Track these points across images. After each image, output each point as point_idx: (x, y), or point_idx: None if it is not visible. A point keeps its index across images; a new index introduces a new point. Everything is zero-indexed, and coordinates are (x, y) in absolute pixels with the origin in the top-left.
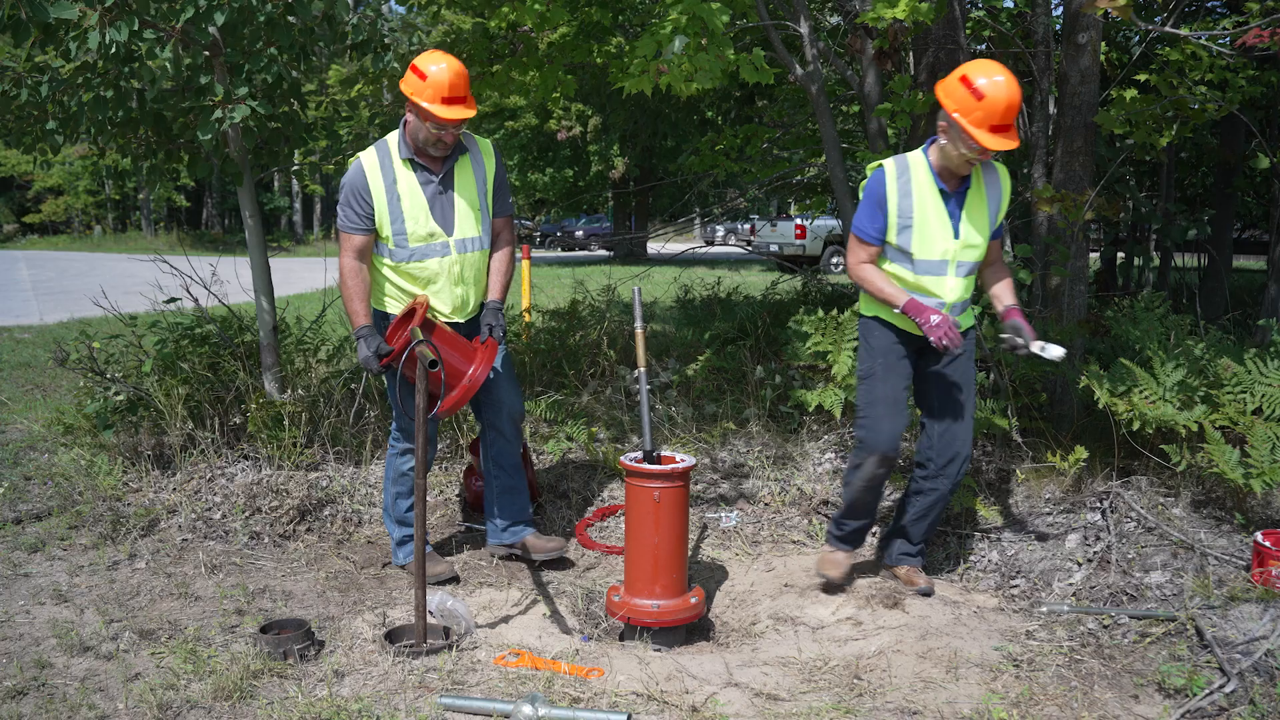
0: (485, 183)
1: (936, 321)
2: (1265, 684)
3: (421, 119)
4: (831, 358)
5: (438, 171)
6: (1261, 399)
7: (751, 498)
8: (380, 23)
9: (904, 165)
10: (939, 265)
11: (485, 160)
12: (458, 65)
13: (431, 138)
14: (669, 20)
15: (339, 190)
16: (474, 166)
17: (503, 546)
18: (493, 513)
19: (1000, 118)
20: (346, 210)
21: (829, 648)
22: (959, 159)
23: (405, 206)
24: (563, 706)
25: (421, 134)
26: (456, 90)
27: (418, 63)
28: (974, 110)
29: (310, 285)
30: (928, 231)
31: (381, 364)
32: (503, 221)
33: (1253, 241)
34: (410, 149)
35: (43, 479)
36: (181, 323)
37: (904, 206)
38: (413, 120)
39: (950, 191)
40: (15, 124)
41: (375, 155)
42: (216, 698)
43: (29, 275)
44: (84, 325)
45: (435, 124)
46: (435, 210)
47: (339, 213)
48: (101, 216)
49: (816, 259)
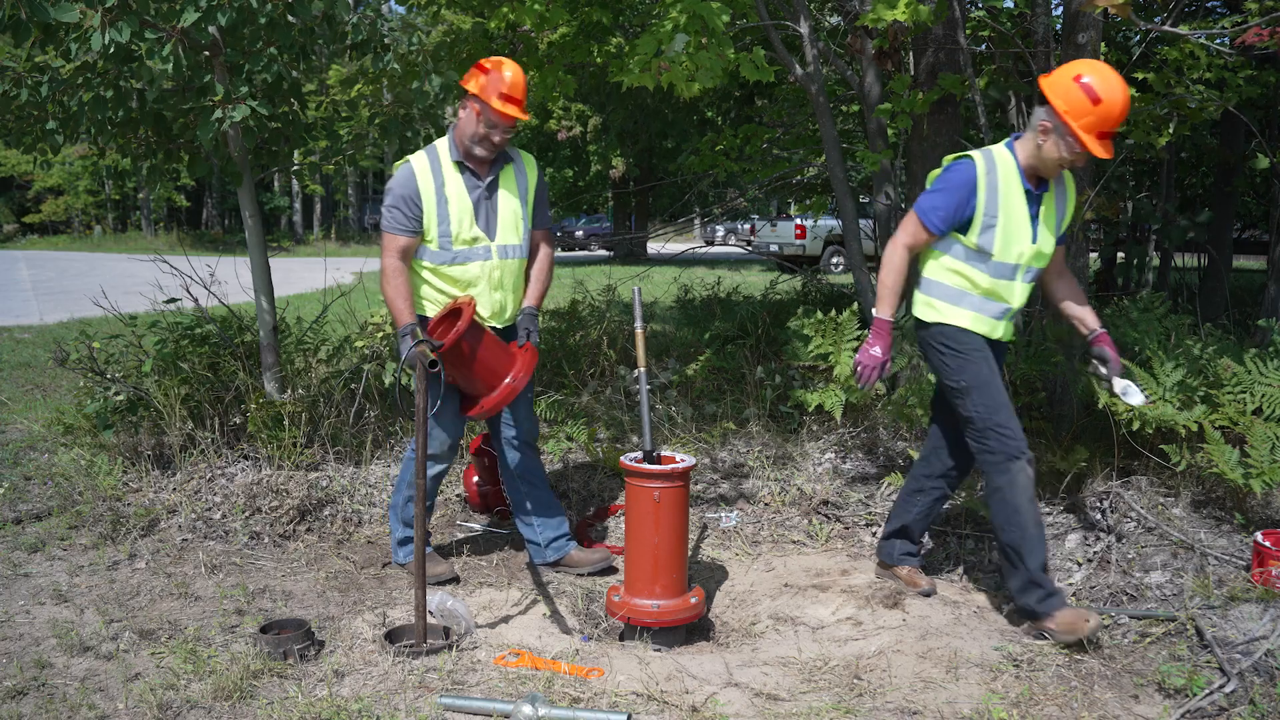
0: (527, 192)
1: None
2: (1265, 684)
3: (477, 115)
4: (833, 358)
5: (484, 177)
6: (1261, 399)
7: (751, 498)
8: (380, 23)
9: (991, 161)
10: (1012, 269)
11: (528, 171)
12: (520, 71)
13: (479, 135)
14: (669, 19)
15: (385, 192)
16: (517, 176)
17: (546, 565)
18: (531, 532)
19: (1112, 125)
20: (394, 212)
21: (829, 648)
22: (1054, 162)
23: (452, 210)
24: (563, 706)
25: (470, 131)
26: (516, 91)
27: (483, 61)
28: (1087, 114)
29: (310, 285)
30: (1011, 232)
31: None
32: (542, 233)
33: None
34: (460, 151)
35: (43, 479)
36: (181, 323)
37: (991, 204)
38: (464, 118)
39: (1034, 192)
40: (15, 124)
41: (425, 159)
42: (216, 698)
43: (29, 275)
44: (84, 325)
45: (489, 121)
46: (480, 215)
47: (385, 214)
48: (101, 216)
49: (816, 259)
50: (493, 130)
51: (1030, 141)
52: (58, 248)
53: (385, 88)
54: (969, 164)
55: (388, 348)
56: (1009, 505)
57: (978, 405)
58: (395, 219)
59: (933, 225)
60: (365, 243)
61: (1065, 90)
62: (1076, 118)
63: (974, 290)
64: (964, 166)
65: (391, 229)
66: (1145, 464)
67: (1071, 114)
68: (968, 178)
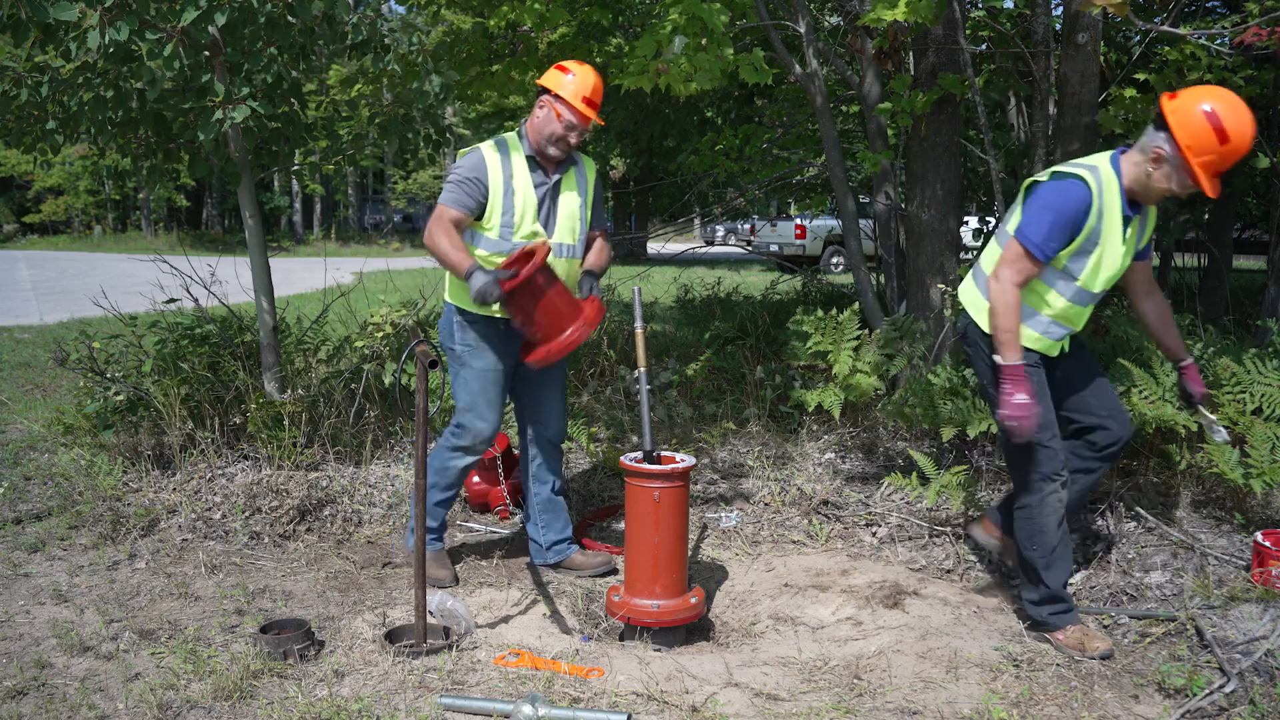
0: (586, 195)
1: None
2: (1265, 684)
3: (557, 116)
4: (832, 358)
5: (551, 175)
6: (1261, 399)
7: (751, 498)
8: (380, 23)
9: (1100, 183)
10: (1091, 296)
11: (589, 175)
12: (599, 77)
13: (556, 135)
14: (669, 20)
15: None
16: (579, 178)
17: (547, 567)
18: (536, 531)
19: (1231, 164)
20: (458, 189)
21: (829, 648)
22: (1160, 192)
23: (517, 201)
24: (563, 706)
25: (547, 130)
26: (597, 94)
27: (563, 63)
28: (1210, 152)
29: (310, 285)
30: (1105, 260)
31: (505, 289)
32: (597, 234)
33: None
34: (531, 147)
35: (43, 479)
36: (181, 323)
37: (1096, 231)
38: (540, 117)
39: (1130, 216)
40: (15, 124)
41: (495, 149)
42: (216, 698)
43: (29, 275)
44: (84, 325)
45: (567, 121)
46: (541, 211)
47: (446, 190)
48: (101, 216)
49: (816, 259)
50: (571, 131)
51: (1139, 166)
52: (58, 248)
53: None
54: (1081, 187)
55: (388, 348)
56: (1034, 524)
57: None
58: (454, 194)
59: (1045, 257)
60: (365, 243)
61: (1189, 121)
62: (1198, 154)
63: (1046, 311)
64: (1075, 189)
65: (449, 202)
66: (1145, 464)
67: (1193, 149)
68: (1081, 203)
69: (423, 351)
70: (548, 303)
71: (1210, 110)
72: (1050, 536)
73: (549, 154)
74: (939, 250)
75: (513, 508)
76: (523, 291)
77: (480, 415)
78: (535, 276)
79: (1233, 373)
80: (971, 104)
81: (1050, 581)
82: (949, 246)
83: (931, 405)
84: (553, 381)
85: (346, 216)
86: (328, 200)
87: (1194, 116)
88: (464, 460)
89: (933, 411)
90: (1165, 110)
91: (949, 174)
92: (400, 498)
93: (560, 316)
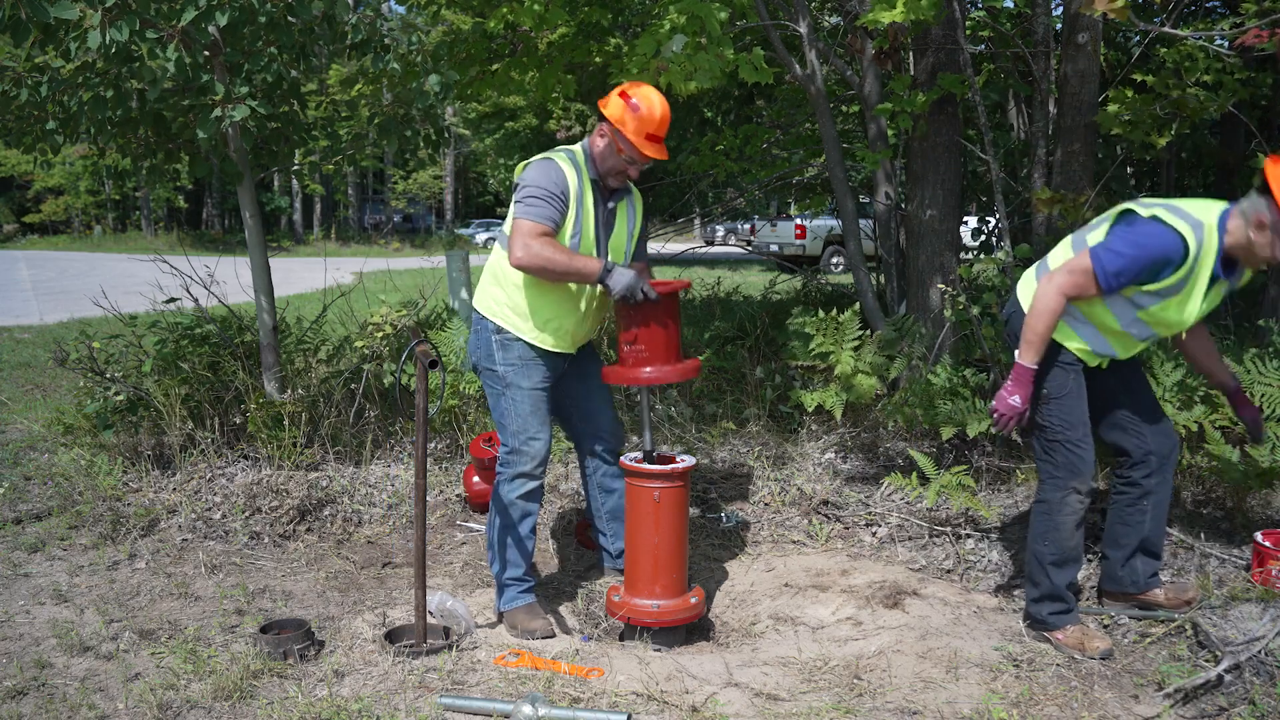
0: (634, 227)
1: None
2: (1265, 684)
3: (616, 148)
4: (833, 358)
5: (608, 202)
6: (1261, 399)
7: (751, 498)
8: (380, 23)
9: (1199, 245)
10: (1150, 335)
11: (637, 208)
12: (666, 106)
13: (617, 168)
14: (668, 20)
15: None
16: (629, 211)
17: (618, 573)
18: (605, 541)
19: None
20: (545, 205)
21: (829, 648)
22: (1262, 260)
23: (586, 222)
24: (563, 706)
25: (609, 162)
26: (661, 128)
27: (630, 91)
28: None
29: (310, 285)
30: (1179, 311)
31: (657, 290)
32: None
33: None
34: (595, 171)
35: (43, 479)
36: (181, 323)
37: (1176, 284)
38: (602, 145)
39: (1220, 277)
40: (15, 124)
41: (570, 165)
42: (216, 698)
43: (29, 275)
44: (84, 325)
45: (630, 157)
46: (597, 236)
47: (530, 205)
48: (101, 216)
49: (816, 259)
50: (631, 165)
51: (1241, 230)
52: (58, 248)
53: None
54: (1178, 247)
55: (387, 348)
56: (1051, 521)
57: (1054, 415)
58: (542, 210)
59: (1108, 287)
60: (365, 242)
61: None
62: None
63: (1102, 331)
64: (1171, 245)
65: (540, 218)
66: None
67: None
68: (1170, 259)
69: (423, 351)
70: (671, 325)
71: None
72: (1065, 536)
73: (608, 182)
74: (939, 250)
75: None
76: (663, 302)
77: (535, 434)
78: (679, 292)
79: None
80: (971, 104)
81: (1056, 579)
82: (949, 246)
83: (931, 405)
84: (599, 391)
85: (346, 216)
86: (328, 200)
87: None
88: (527, 487)
89: (933, 411)
90: (1269, 176)
91: (949, 174)
92: (401, 497)
93: (674, 344)
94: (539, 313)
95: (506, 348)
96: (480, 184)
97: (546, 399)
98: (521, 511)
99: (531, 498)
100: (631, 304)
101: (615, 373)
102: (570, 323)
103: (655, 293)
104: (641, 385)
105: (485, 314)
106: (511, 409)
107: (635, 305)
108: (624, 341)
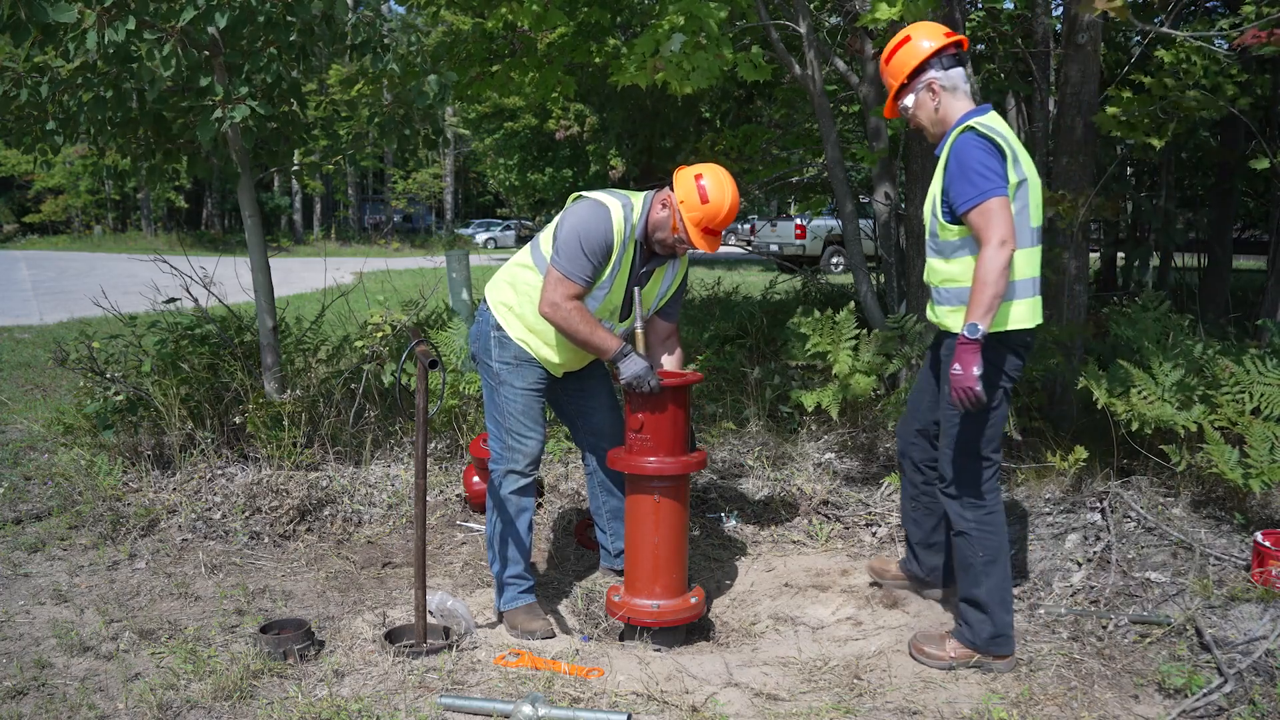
0: (670, 288)
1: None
2: (1265, 684)
3: (672, 227)
4: (831, 358)
5: (647, 265)
6: (1260, 399)
7: (751, 498)
8: (380, 23)
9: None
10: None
11: (680, 271)
12: (736, 200)
13: (667, 242)
14: (667, 20)
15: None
16: (670, 271)
17: (615, 572)
18: (604, 539)
19: None
20: (582, 261)
21: (829, 648)
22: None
23: (619, 279)
24: (563, 706)
25: (661, 234)
26: (725, 223)
27: (705, 176)
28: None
29: (310, 285)
30: None
31: (665, 382)
32: (672, 327)
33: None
34: (643, 233)
35: (43, 479)
36: (181, 323)
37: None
38: (660, 215)
39: None
40: (15, 124)
41: (624, 220)
42: (216, 698)
43: (29, 275)
44: (84, 325)
45: (680, 238)
46: (628, 290)
47: (569, 259)
48: (101, 216)
49: (816, 259)
50: (681, 245)
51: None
52: (58, 248)
53: (385, 88)
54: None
55: (387, 348)
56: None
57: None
58: (581, 267)
59: None
60: (365, 242)
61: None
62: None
63: None
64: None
65: (574, 276)
66: (1145, 464)
67: None
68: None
69: (423, 351)
70: (678, 417)
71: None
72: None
73: (654, 248)
74: None
75: None
76: (671, 394)
77: (525, 434)
78: (689, 387)
79: (1232, 373)
80: None
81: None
82: None
83: None
84: (601, 391)
85: (346, 216)
86: (328, 200)
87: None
88: (519, 483)
89: None
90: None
91: None
92: (401, 497)
93: (679, 437)
94: (544, 334)
95: (504, 346)
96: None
97: (540, 400)
98: (517, 507)
99: (524, 493)
100: (637, 393)
101: (621, 460)
102: (570, 357)
103: (660, 386)
104: (646, 475)
105: (492, 309)
106: (503, 406)
107: (643, 395)
108: (630, 428)
